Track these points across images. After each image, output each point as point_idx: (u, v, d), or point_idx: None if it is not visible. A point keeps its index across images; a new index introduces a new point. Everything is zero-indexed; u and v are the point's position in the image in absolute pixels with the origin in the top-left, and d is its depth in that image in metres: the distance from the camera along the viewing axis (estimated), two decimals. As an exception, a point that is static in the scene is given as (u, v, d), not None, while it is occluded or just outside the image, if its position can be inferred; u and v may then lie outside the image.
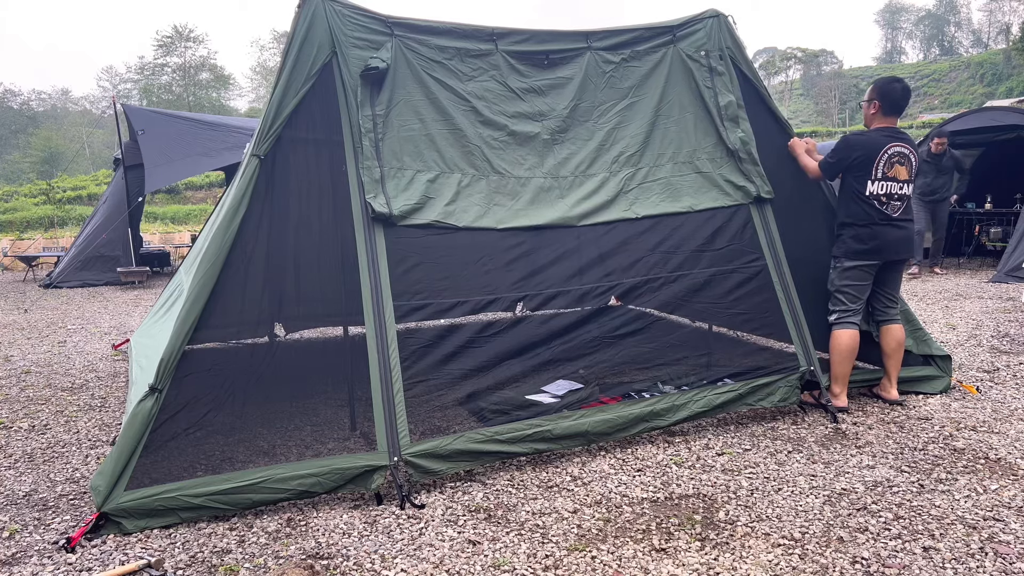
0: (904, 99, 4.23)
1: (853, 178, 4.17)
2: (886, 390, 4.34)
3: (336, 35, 3.50)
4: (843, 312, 4.20)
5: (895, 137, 4.14)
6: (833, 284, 4.24)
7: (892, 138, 4.14)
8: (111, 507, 2.84)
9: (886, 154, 4.09)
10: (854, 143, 4.18)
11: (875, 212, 4.12)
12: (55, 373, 5.72)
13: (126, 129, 12.00)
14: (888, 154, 4.10)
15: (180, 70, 58.77)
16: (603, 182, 4.01)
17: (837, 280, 4.22)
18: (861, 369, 4.42)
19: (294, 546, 2.77)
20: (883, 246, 4.13)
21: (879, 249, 4.13)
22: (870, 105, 4.26)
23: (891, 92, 4.19)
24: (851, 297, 4.20)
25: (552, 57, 4.01)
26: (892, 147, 4.11)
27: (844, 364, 4.18)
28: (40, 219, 25.09)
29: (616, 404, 3.72)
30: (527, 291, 4.06)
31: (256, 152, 3.34)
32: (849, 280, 4.19)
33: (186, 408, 3.16)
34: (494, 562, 2.62)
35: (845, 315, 4.19)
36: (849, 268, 4.18)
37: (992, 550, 2.62)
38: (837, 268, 4.23)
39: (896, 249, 4.18)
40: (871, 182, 4.10)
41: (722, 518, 2.93)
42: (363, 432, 3.74)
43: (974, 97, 57.97)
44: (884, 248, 4.14)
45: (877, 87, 4.25)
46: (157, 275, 13.19)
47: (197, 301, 3.12)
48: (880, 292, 4.29)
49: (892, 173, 4.12)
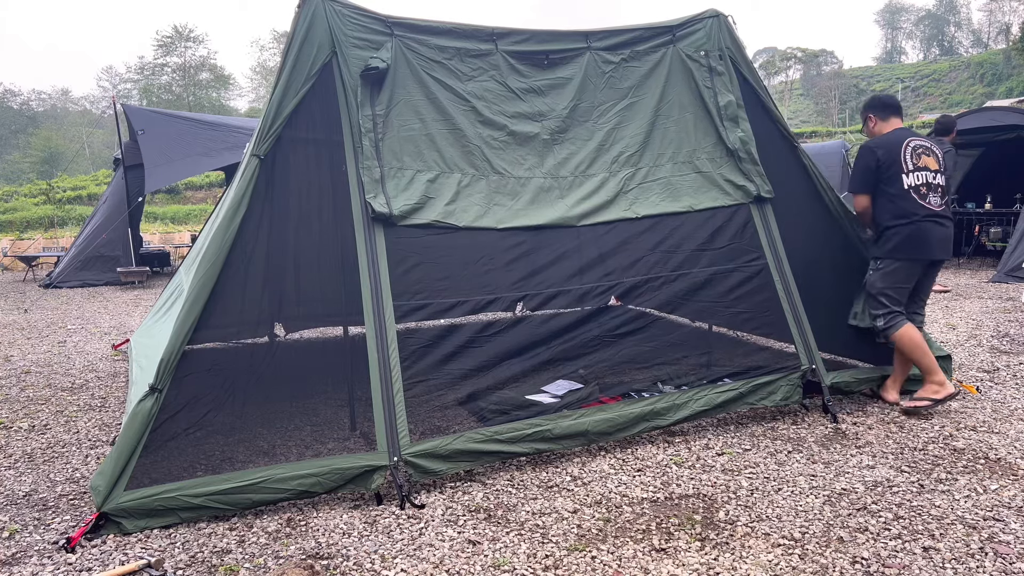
0: (890, 98, 4.33)
1: (884, 181, 4.10)
2: (887, 391, 4.32)
3: (336, 35, 3.50)
4: (889, 314, 4.10)
5: (910, 133, 4.17)
6: (874, 287, 4.14)
7: (907, 133, 4.16)
8: (111, 507, 2.84)
9: (908, 146, 4.08)
10: (872, 145, 4.17)
11: (916, 207, 4.03)
12: (55, 373, 5.72)
13: (126, 129, 12.00)
14: (911, 146, 4.09)
15: (180, 70, 58.77)
16: (603, 182, 4.01)
17: (879, 282, 4.12)
18: (860, 369, 4.42)
19: (294, 546, 2.77)
20: (928, 244, 4.04)
21: (924, 247, 4.03)
22: (866, 122, 4.34)
23: (875, 99, 4.34)
24: (893, 300, 4.11)
25: (552, 57, 4.01)
26: (911, 140, 4.12)
27: (924, 356, 4.06)
28: (40, 219, 25.09)
29: (616, 404, 3.72)
30: (527, 291, 4.06)
31: (256, 152, 3.34)
32: (892, 281, 4.09)
33: (186, 408, 3.16)
34: (494, 562, 2.62)
35: (892, 316, 4.09)
36: (892, 269, 4.08)
37: (992, 550, 2.62)
38: (880, 270, 4.12)
39: (940, 248, 4.08)
40: (905, 175, 4.05)
41: (722, 518, 2.93)
42: (363, 432, 3.74)
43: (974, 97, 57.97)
44: (929, 246, 4.04)
45: (864, 105, 4.40)
46: (157, 275, 13.19)
47: (197, 301, 3.12)
48: (912, 294, 4.23)
49: (921, 163, 4.07)
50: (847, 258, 4.46)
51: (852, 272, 4.46)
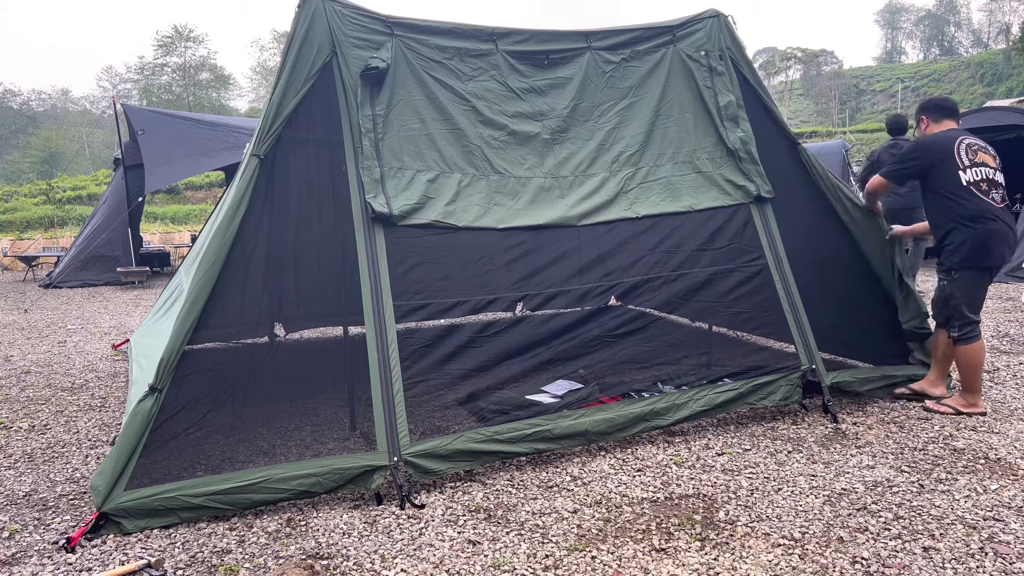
0: (945, 99, 4.26)
1: (941, 177, 3.97)
2: (935, 386, 4.26)
3: (336, 35, 3.50)
4: (967, 324, 4.00)
5: (962, 132, 4.10)
6: (953, 298, 4.00)
7: (959, 132, 4.08)
8: (111, 507, 2.84)
9: (962, 144, 4.00)
10: (925, 144, 4.09)
11: (980, 203, 3.91)
12: (55, 373, 5.72)
13: (126, 129, 12.00)
14: (964, 144, 4.01)
15: (180, 70, 58.77)
16: (603, 182, 4.00)
17: (958, 293, 3.98)
18: (861, 369, 4.42)
19: (294, 546, 2.77)
20: (997, 250, 3.92)
21: (993, 254, 3.92)
22: (919, 124, 4.30)
23: (929, 101, 4.28)
24: (973, 308, 4.01)
25: (552, 57, 4.01)
26: (964, 139, 4.04)
27: (976, 378, 4.04)
28: (40, 219, 25.10)
29: (616, 404, 3.72)
30: (527, 291, 4.07)
31: (256, 152, 3.34)
32: (969, 289, 3.98)
33: (186, 408, 3.16)
34: (494, 562, 2.62)
35: (971, 329, 4.01)
36: (967, 279, 3.96)
37: (992, 550, 2.62)
38: (955, 281, 3.98)
39: (1009, 251, 3.99)
40: (963, 172, 3.95)
41: (722, 518, 2.93)
42: (363, 432, 3.74)
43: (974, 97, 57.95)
44: (998, 252, 3.93)
45: (918, 108, 4.35)
46: (157, 275, 13.19)
47: (197, 301, 3.12)
48: None
49: (979, 159, 3.99)
50: (847, 258, 4.46)
51: (852, 272, 4.47)
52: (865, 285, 4.49)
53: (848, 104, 67.06)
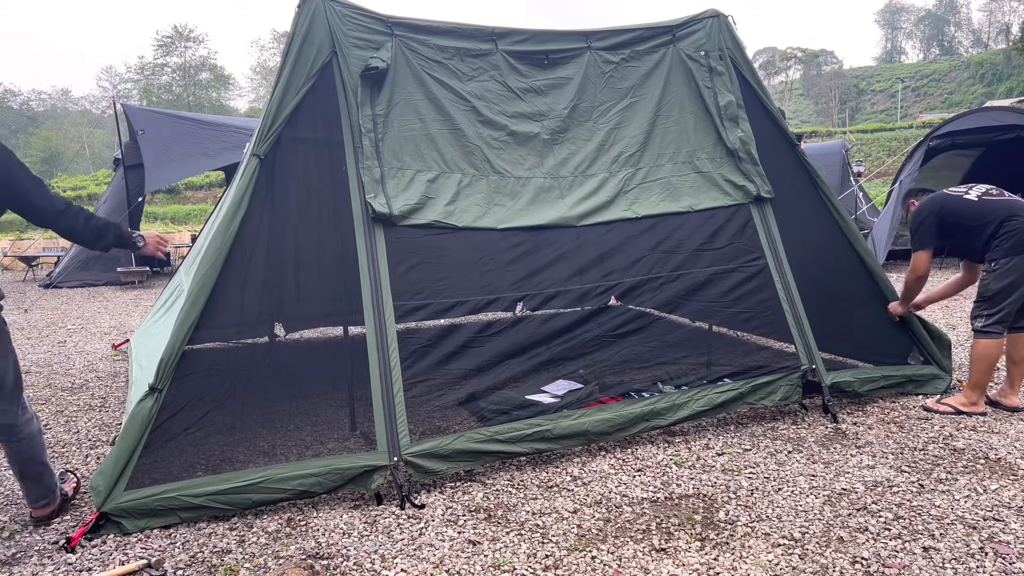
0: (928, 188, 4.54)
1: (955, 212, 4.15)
2: (1007, 396, 4.23)
3: (336, 35, 3.50)
4: (990, 317, 4.04)
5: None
6: (989, 289, 4.05)
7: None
8: (111, 507, 2.84)
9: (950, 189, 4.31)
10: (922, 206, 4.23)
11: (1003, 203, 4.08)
12: (55, 373, 5.72)
13: (126, 129, 12.00)
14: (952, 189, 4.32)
15: (180, 70, 58.80)
16: (603, 182, 4.00)
17: (994, 283, 4.02)
18: (861, 369, 4.42)
19: (294, 546, 2.77)
20: None
21: None
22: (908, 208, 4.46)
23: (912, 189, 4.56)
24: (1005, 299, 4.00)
25: (552, 57, 4.01)
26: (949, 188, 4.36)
27: (984, 375, 4.07)
28: (40, 219, 25.02)
29: (616, 403, 3.72)
30: (527, 291, 4.07)
31: (256, 152, 3.34)
32: (1008, 279, 3.99)
33: (186, 408, 3.16)
34: (494, 562, 2.62)
35: (995, 324, 4.04)
36: (1013, 265, 3.97)
37: (992, 550, 2.62)
38: (995, 271, 4.02)
39: None
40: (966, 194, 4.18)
41: (722, 518, 2.93)
42: (363, 432, 3.74)
43: (974, 97, 58.01)
44: None
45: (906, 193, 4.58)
46: (157, 275, 13.19)
47: (197, 301, 3.12)
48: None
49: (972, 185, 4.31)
50: (847, 258, 4.46)
51: (852, 272, 4.46)
52: (865, 285, 4.49)
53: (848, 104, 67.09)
